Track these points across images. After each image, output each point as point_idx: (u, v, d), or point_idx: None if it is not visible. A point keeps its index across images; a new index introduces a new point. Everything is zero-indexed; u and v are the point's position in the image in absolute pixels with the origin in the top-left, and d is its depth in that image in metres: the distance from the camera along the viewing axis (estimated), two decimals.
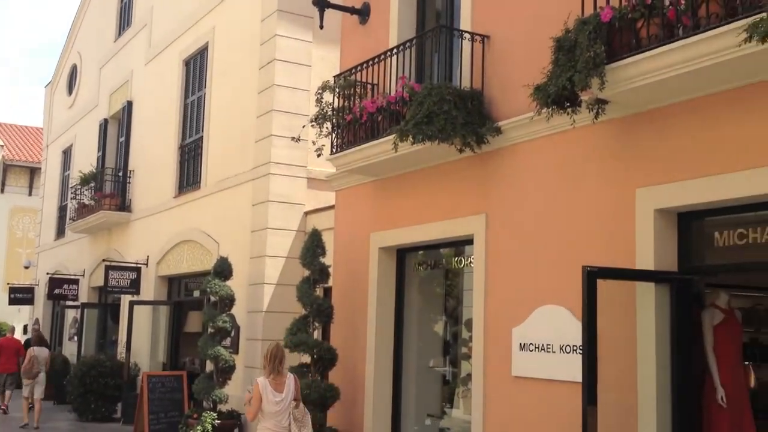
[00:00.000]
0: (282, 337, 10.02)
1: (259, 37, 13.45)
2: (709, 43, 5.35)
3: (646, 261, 6.36)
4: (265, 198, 12.66)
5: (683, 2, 5.56)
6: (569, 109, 6.54)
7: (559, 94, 6.32)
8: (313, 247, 10.15)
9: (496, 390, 7.78)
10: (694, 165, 6.06)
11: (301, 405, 7.86)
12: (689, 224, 6.43)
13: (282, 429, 7.67)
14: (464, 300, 9.42)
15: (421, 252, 9.84)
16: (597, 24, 6.04)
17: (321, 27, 10.34)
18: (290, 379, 7.89)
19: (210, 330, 11.99)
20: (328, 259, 10.35)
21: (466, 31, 8.40)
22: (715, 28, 5.30)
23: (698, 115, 6.06)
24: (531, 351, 7.39)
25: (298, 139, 10.19)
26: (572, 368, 6.71)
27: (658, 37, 5.72)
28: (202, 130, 15.40)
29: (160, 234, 16.61)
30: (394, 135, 8.16)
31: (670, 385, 6.26)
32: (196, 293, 15.53)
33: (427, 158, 8.71)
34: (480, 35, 8.30)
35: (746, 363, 8.24)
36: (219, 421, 11.18)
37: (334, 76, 9.79)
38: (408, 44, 8.79)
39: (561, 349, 7.07)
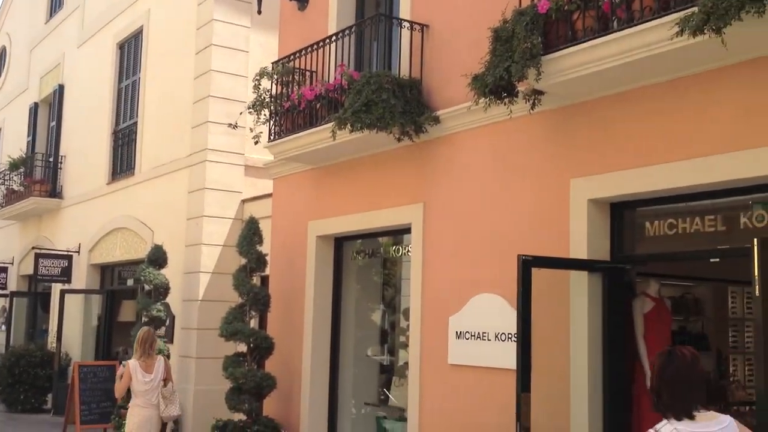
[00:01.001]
0: (218, 326, 9.92)
1: (195, 21, 13.21)
2: (643, 36, 5.44)
3: (579, 250, 6.46)
4: (202, 185, 12.47)
5: None
6: (506, 100, 6.58)
7: (496, 84, 6.35)
8: (250, 235, 10.05)
9: (433, 378, 7.83)
10: (627, 156, 6.18)
11: (170, 384, 8.65)
12: (621, 214, 6.55)
13: (151, 406, 8.47)
14: (402, 289, 9.45)
15: (359, 241, 9.83)
16: (534, 15, 6.09)
17: (259, 12, 10.22)
18: (159, 362, 8.66)
19: (144, 319, 11.78)
20: (265, 248, 10.27)
21: (405, 20, 8.38)
22: (648, 21, 5.39)
23: (631, 107, 6.17)
24: (467, 339, 7.45)
25: (235, 126, 10.04)
26: (507, 356, 6.79)
27: (593, 29, 5.80)
28: (137, 116, 15.08)
29: (92, 221, 16.24)
30: (332, 123, 8.11)
31: (602, 372, 6.38)
32: (130, 282, 15.25)
33: (366, 147, 8.69)
34: (419, 24, 8.29)
35: None
36: None
37: (273, 63, 9.68)
38: (347, 32, 8.74)
39: (496, 337, 7.14)
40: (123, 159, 15.64)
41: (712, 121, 5.62)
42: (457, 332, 7.57)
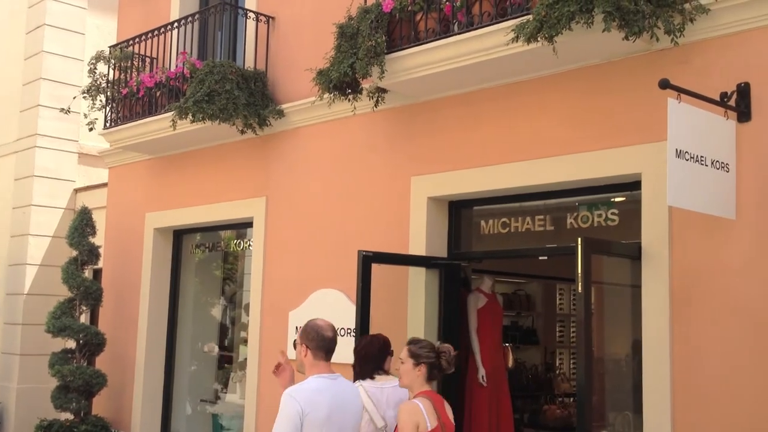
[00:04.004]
0: (44, 321, 9.42)
1: None
2: (481, 41, 5.61)
3: (418, 247, 6.59)
4: (30, 173, 11.81)
5: None
6: (350, 96, 6.62)
7: (340, 80, 6.37)
8: (81, 226, 9.60)
9: (272, 374, 7.74)
10: (465, 156, 6.36)
11: None
12: (459, 212, 6.74)
13: None
14: (244, 283, 9.31)
15: (199, 234, 9.60)
16: (378, 14, 6.15)
17: None
18: None
19: None
20: (98, 240, 9.83)
21: (251, 11, 8.25)
22: (486, 26, 5.57)
23: (470, 108, 6.36)
24: None
25: (67, 111, 9.53)
26: (346, 350, 6.79)
27: (435, 31, 5.93)
28: None
29: None
30: (172, 112, 7.87)
31: None
32: None
33: (208, 138, 8.49)
34: (265, 15, 8.20)
35: (506, 344, 8.80)
36: None
37: (110, 47, 9.28)
38: (190, 19, 8.49)
39: (336, 332, 7.15)
40: None
41: (544, 125, 5.89)
42: (297, 327, 7.53)
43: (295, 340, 4.31)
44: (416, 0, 5.98)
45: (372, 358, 5.21)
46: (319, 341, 4.22)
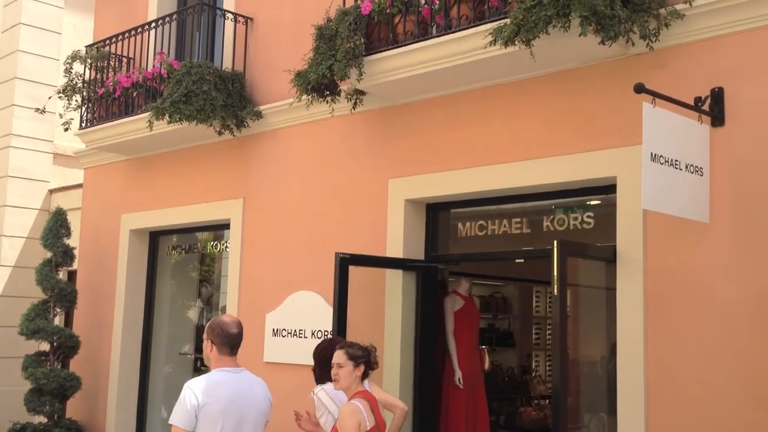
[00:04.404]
0: (18, 323, 9.32)
1: None
2: (459, 44, 5.63)
3: (395, 249, 6.60)
4: (4, 173, 11.70)
5: (437, 2, 5.81)
6: (328, 98, 6.62)
7: (319, 81, 6.37)
8: (56, 227, 9.51)
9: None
10: (442, 158, 6.38)
11: None
12: (436, 215, 6.76)
13: None
14: (220, 285, 9.27)
15: (175, 236, 9.55)
16: (357, 16, 6.16)
17: None
18: None
19: None
20: (73, 241, 9.74)
21: (229, 11, 8.23)
22: (464, 29, 5.59)
23: (448, 111, 6.38)
24: (284, 336, 7.42)
25: (43, 111, 9.45)
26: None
27: (414, 33, 5.94)
28: None
29: None
30: (149, 113, 7.83)
31: (413, 367, 6.55)
32: None
33: (185, 139, 8.45)
34: (243, 16, 8.18)
35: (482, 347, 8.83)
36: None
37: (86, 46, 9.22)
38: (168, 19, 8.45)
39: (313, 334, 7.15)
40: None
41: (521, 128, 5.92)
42: (273, 329, 7.51)
43: (203, 336, 4.42)
44: (395, 2, 5.99)
45: (330, 361, 5.28)
46: (224, 337, 4.31)
